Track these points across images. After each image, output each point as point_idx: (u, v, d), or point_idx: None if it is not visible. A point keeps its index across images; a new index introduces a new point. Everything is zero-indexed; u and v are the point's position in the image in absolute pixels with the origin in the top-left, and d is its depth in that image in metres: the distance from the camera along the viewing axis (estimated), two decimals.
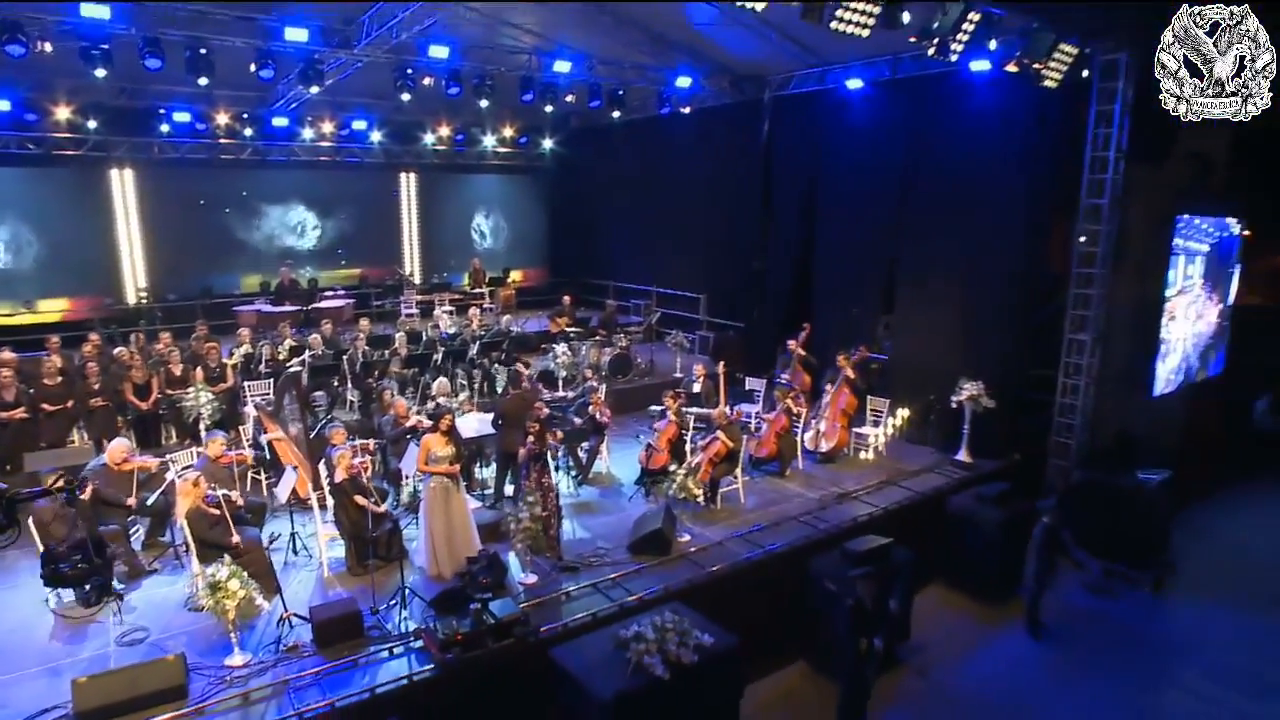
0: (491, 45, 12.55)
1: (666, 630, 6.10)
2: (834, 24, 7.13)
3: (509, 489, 9.20)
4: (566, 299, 16.48)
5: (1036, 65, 8.96)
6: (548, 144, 20.12)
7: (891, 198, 12.60)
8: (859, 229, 13.21)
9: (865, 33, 7.33)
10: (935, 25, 7.74)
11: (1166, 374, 12.47)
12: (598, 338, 14.84)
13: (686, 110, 15.26)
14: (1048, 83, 9.25)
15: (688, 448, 9.71)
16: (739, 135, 15.09)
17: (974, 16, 7.91)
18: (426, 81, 12.15)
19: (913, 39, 8.17)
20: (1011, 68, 9.12)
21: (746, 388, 12.47)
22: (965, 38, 8.06)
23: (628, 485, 10.00)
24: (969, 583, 9.66)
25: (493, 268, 19.81)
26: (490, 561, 6.51)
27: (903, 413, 11.64)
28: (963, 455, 10.96)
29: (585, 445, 10.27)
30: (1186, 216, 11.81)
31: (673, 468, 8.66)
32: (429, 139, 18.71)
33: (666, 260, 17.63)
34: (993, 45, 8.49)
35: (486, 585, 6.26)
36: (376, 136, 18.05)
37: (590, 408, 10.31)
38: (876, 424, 11.42)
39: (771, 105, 14.58)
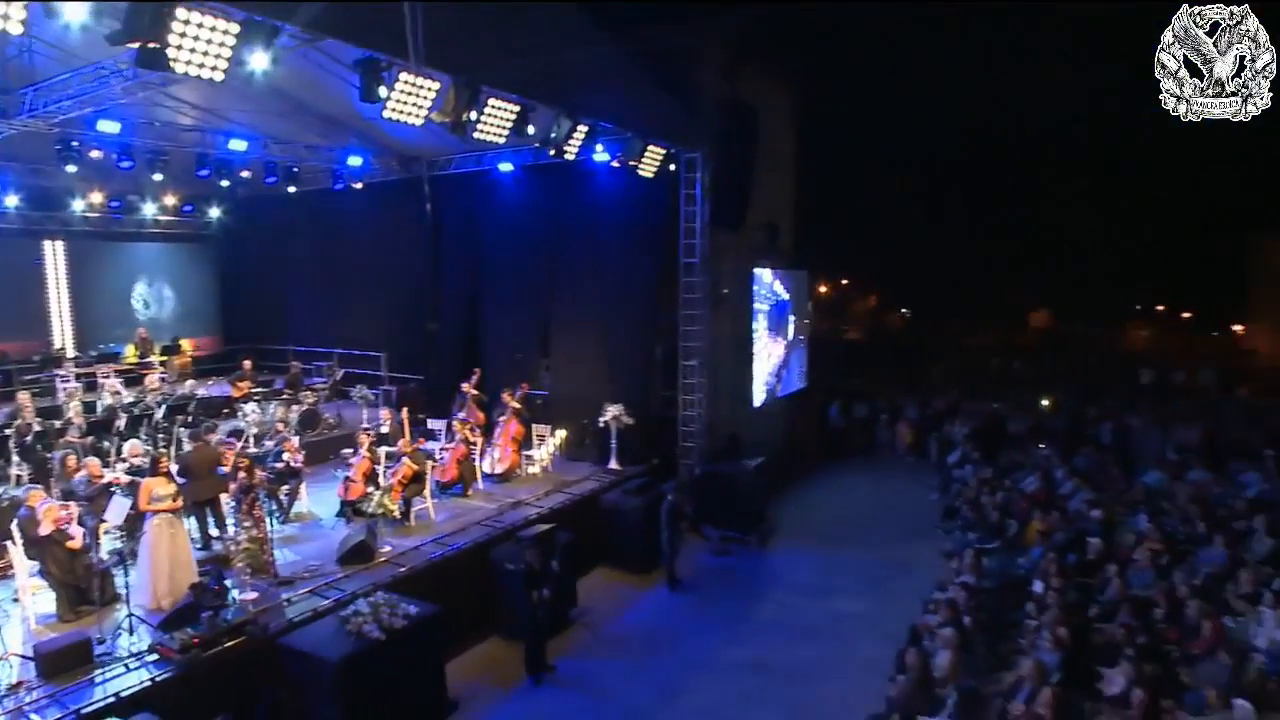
0: (165, 122, 13.10)
1: (379, 605, 7.68)
2: (476, 134, 9.36)
3: (214, 531, 9.99)
4: (247, 364, 16.87)
5: (633, 162, 12.02)
6: (215, 213, 20.22)
7: (543, 261, 15.19)
8: (518, 288, 15.60)
9: (502, 139, 9.66)
10: (553, 135, 10.36)
11: (760, 392, 16.46)
12: (285, 396, 15.56)
13: (359, 185, 16.65)
14: (643, 172, 12.37)
15: (381, 480, 11.18)
16: (409, 208, 16.78)
17: (582, 128, 10.65)
18: (95, 154, 12.39)
19: (538, 144, 10.72)
20: (615, 163, 12.10)
21: (429, 427, 14.11)
22: (576, 143, 10.77)
23: (328, 519, 11.18)
24: (622, 560, 12.21)
25: (161, 337, 19.35)
26: (217, 574, 7.56)
27: (561, 434, 14.06)
28: (613, 464, 13.62)
29: (285, 489, 11.25)
30: (758, 272, 15.89)
31: (370, 490, 10.13)
32: (79, 206, 18.00)
33: (347, 323, 18.66)
34: (599, 149, 11.36)
35: (219, 593, 7.32)
36: (13, 201, 16.98)
37: (285, 455, 11.33)
38: (542, 446, 13.70)
39: (436, 183, 16.53)
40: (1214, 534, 11.75)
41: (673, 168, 13.21)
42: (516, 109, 9.47)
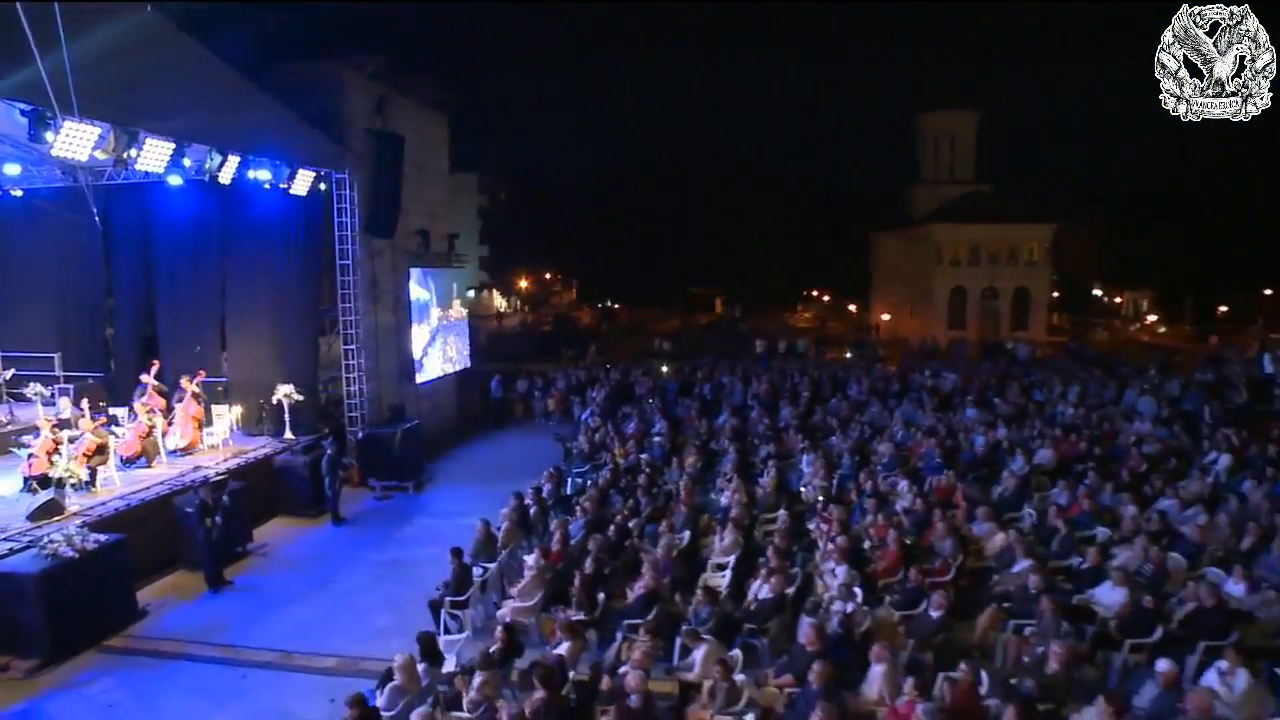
0: None
1: (71, 534, 10.01)
2: (139, 166, 11.61)
3: None
4: None
5: (283, 185, 14.73)
6: None
7: (215, 264, 17.18)
8: (195, 289, 17.38)
9: (162, 168, 11.96)
10: (207, 165, 12.85)
11: (418, 371, 19.80)
12: None
13: (19, 193, 17.25)
14: (296, 191, 15.08)
15: (66, 458, 12.94)
16: (80, 217, 17.60)
17: (233, 158, 13.22)
18: None
19: (194, 173, 13.15)
20: (267, 185, 14.70)
21: (111, 413, 15.67)
22: (230, 171, 13.30)
23: (13, 494, 12.72)
24: (295, 508, 14.98)
25: None
26: None
27: (238, 410, 16.32)
28: (288, 435, 16.19)
29: None
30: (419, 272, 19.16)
31: (56, 459, 12.03)
32: None
33: (14, 326, 18.79)
34: (250, 172, 13.93)
35: None
36: None
37: None
38: (220, 421, 15.91)
39: (106, 191, 17.49)
40: (732, 448, 17.07)
41: (323, 186, 16.02)
42: (172, 146, 11.81)
